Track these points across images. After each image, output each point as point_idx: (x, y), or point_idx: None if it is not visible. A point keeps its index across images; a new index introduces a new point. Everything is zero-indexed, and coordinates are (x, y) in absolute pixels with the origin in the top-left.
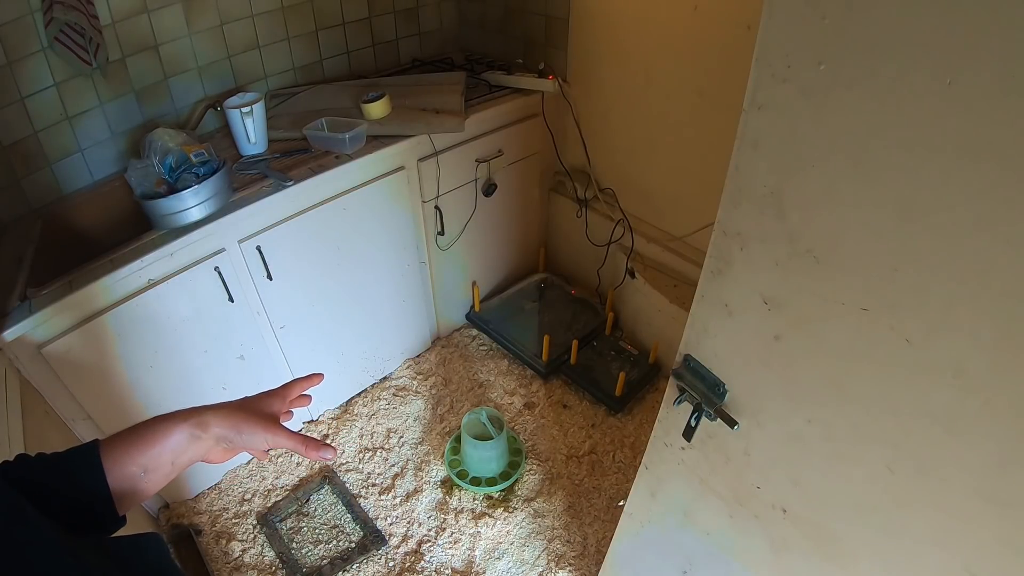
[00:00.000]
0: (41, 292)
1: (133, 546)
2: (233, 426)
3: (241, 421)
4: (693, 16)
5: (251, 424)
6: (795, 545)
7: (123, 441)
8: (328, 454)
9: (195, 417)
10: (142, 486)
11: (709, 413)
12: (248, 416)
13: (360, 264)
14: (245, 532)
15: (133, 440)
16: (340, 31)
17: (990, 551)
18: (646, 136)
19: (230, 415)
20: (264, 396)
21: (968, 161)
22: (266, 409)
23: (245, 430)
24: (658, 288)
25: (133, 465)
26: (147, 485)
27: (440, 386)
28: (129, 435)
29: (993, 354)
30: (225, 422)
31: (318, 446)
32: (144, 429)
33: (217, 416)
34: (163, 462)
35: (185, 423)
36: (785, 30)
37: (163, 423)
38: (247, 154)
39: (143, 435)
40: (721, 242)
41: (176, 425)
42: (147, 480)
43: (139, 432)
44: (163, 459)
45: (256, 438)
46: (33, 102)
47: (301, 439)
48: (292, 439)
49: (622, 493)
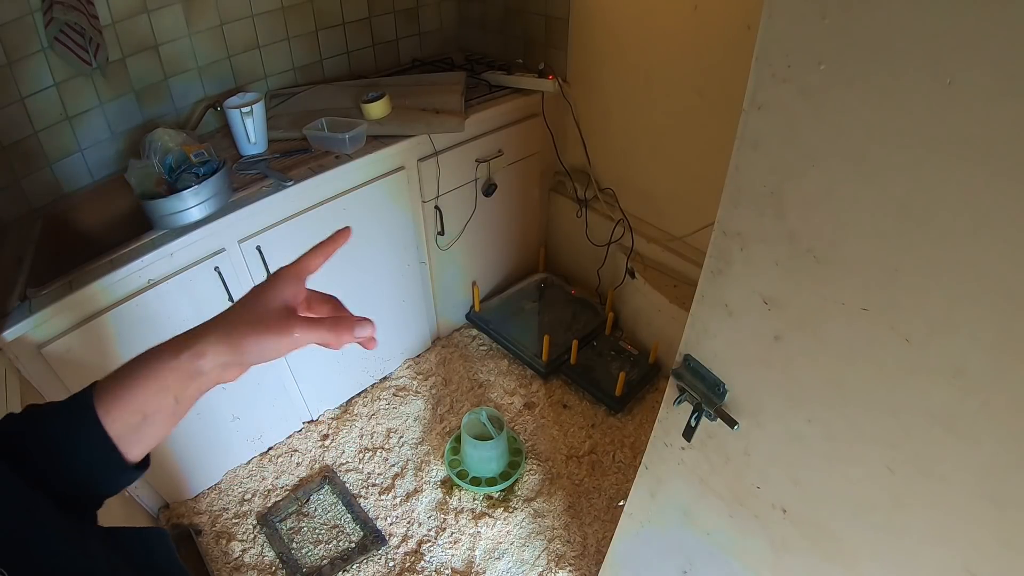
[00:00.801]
0: (41, 292)
1: (139, 540)
2: (233, 346)
3: (240, 336)
4: (693, 16)
5: (253, 335)
6: (795, 545)
7: (118, 384)
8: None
9: (188, 348)
10: (150, 430)
11: (709, 413)
12: (249, 327)
13: (360, 264)
14: (245, 532)
15: (126, 384)
16: (340, 31)
17: (990, 551)
18: (646, 136)
19: (228, 333)
20: (271, 283)
21: (968, 161)
22: (274, 303)
23: (248, 345)
24: (658, 288)
25: (131, 412)
26: (155, 428)
27: (440, 386)
28: (123, 377)
29: (993, 354)
30: (222, 344)
31: (349, 325)
32: (136, 369)
33: (213, 339)
34: (164, 402)
35: (177, 359)
36: (785, 30)
37: (153, 362)
38: (247, 154)
39: (135, 377)
40: (721, 242)
41: (167, 364)
42: (153, 423)
43: (131, 374)
44: (164, 401)
45: (265, 348)
46: (33, 102)
47: (328, 326)
48: (315, 330)
49: (622, 493)
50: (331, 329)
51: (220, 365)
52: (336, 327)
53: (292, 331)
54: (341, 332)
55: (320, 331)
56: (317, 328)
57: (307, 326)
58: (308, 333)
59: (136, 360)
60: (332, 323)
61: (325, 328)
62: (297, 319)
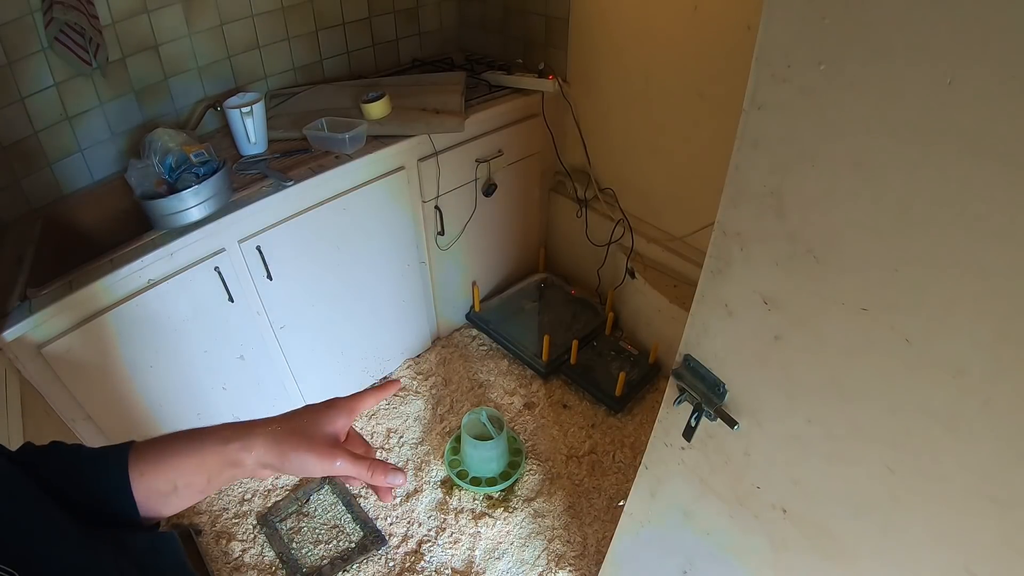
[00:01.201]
0: (41, 292)
1: (147, 544)
2: (280, 454)
3: (290, 448)
4: (693, 16)
5: (301, 451)
6: (795, 544)
7: (157, 452)
8: (398, 479)
9: (239, 440)
10: (176, 501)
11: (709, 413)
12: (299, 442)
13: (360, 264)
14: (245, 532)
15: (167, 455)
16: (340, 31)
17: (990, 551)
18: (646, 136)
19: (278, 441)
20: (326, 409)
21: (968, 160)
22: (325, 428)
23: (293, 459)
24: (658, 288)
25: (164, 481)
26: (179, 500)
27: (440, 386)
28: (165, 447)
29: (993, 354)
30: (270, 449)
31: (385, 470)
32: (181, 443)
33: (262, 440)
34: (197, 480)
35: (226, 446)
36: (785, 30)
37: (202, 440)
38: (247, 154)
39: (178, 450)
40: (721, 242)
41: (215, 447)
42: (179, 496)
43: (175, 446)
44: (198, 478)
45: (307, 466)
46: (33, 102)
47: (367, 465)
48: (355, 465)
49: (622, 493)
50: (370, 468)
51: (261, 464)
52: (375, 468)
53: (336, 460)
54: (377, 474)
55: (360, 468)
56: (359, 464)
57: (351, 460)
58: (350, 466)
59: (181, 434)
60: (373, 464)
61: (365, 467)
62: (342, 450)
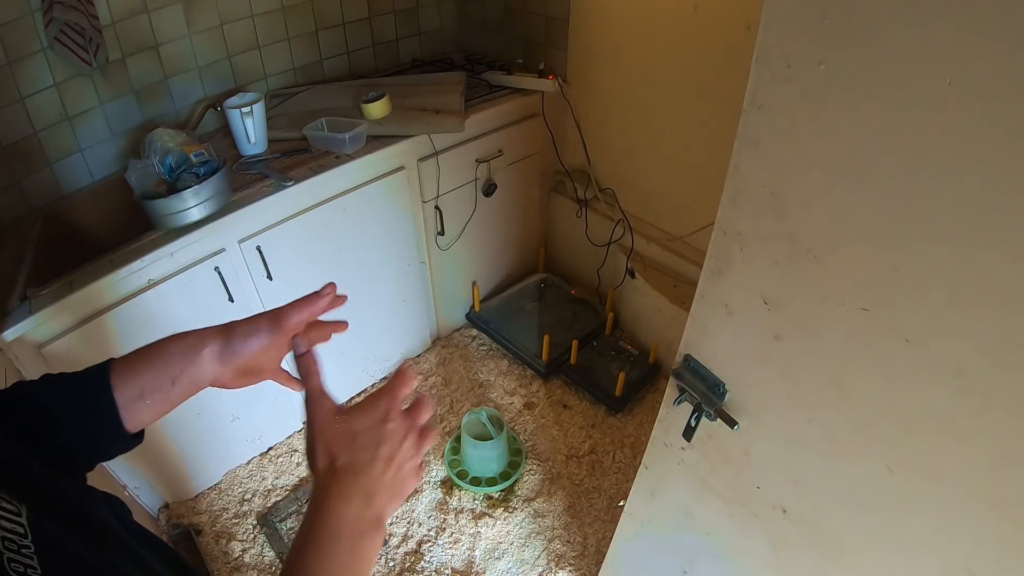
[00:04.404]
0: (41, 292)
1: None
2: (226, 330)
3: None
4: (693, 16)
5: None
6: (795, 544)
7: (129, 361)
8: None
9: (195, 335)
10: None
11: (709, 413)
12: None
13: (360, 264)
14: (245, 532)
15: (135, 362)
16: (340, 31)
17: (990, 551)
18: (646, 136)
19: (231, 325)
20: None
21: (968, 160)
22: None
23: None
24: (658, 288)
25: (132, 387)
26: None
27: (440, 386)
28: (135, 355)
29: (993, 354)
30: (221, 331)
31: (332, 302)
32: (147, 350)
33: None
34: (161, 382)
35: (183, 340)
36: (785, 30)
37: (163, 344)
38: (247, 154)
39: (143, 355)
40: (721, 242)
41: (174, 346)
42: (149, 402)
43: (141, 353)
44: (160, 379)
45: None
46: (33, 102)
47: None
48: (299, 307)
49: (622, 493)
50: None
51: (217, 354)
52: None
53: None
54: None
55: (303, 307)
56: (301, 306)
57: (295, 306)
58: (295, 313)
59: (150, 344)
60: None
61: (309, 305)
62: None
